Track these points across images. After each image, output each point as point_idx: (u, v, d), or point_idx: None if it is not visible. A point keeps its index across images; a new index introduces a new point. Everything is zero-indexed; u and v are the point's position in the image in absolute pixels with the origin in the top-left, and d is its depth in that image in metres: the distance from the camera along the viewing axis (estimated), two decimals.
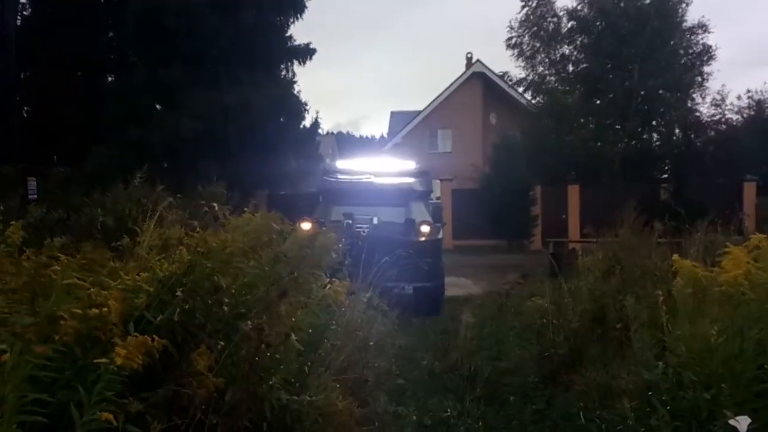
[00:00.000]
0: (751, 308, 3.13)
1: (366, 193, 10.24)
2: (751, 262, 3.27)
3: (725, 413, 2.13)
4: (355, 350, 4.27)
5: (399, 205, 10.31)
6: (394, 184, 10.60)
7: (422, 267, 9.39)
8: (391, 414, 4.51)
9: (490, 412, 5.04)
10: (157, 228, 3.90)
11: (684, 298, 3.45)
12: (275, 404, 3.21)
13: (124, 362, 2.26)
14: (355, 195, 10.15)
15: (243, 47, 19.00)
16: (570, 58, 22.62)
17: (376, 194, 10.28)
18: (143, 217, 6.00)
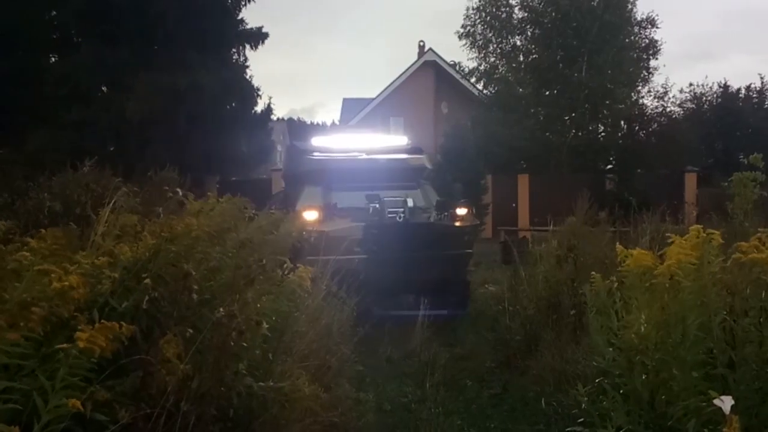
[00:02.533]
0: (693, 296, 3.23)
1: (369, 173, 8.57)
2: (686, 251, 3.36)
3: (710, 393, 2.22)
4: (317, 337, 4.28)
5: (410, 187, 8.77)
6: (404, 161, 9.07)
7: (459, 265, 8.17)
8: (352, 399, 4.54)
9: (449, 397, 5.13)
10: (112, 214, 3.82)
11: (631, 285, 3.56)
12: (242, 391, 3.21)
13: (87, 346, 2.22)
14: (354, 176, 8.53)
15: (193, 29, 18.58)
16: (521, 49, 22.91)
17: (383, 174, 8.63)
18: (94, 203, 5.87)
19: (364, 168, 8.68)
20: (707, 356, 3.05)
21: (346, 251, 6.93)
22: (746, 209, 8.89)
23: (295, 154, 9.62)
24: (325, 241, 6.79)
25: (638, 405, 3.32)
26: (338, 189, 8.42)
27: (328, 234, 6.97)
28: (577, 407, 3.82)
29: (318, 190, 8.49)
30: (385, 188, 8.40)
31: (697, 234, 3.21)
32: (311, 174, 8.74)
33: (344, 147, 9.23)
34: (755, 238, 3.02)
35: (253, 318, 2.93)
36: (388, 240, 7.52)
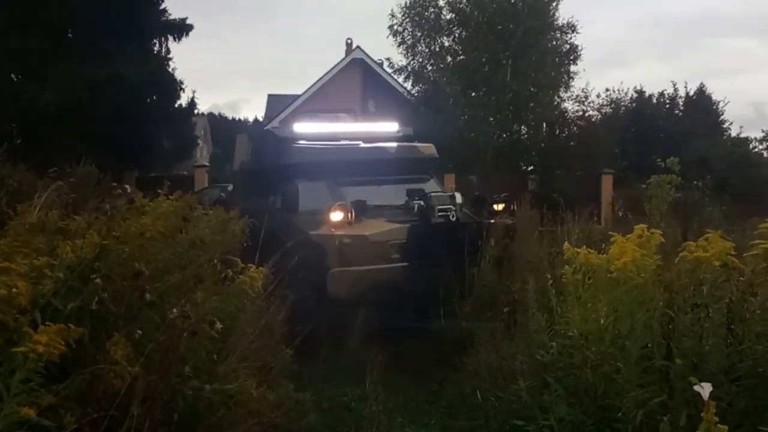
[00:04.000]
0: (638, 292, 3.39)
1: (378, 165, 7.50)
2: (637, 249, 3.53)
3: (691, 380, 2.33)
4: (258, 337, 4.22)
5: (423, 180, 7.76)
6: (414, 149, 8.09)
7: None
8: (293, 400, 4.50)
9: (389, 395, 5.17)
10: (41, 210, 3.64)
11: (573, 283, 3.70)
12: (188, 393, 3.13)
13: (45, 351, 2.12)
14: (360, 167, 7.39)
15: (112, 18, 17.86)
16: (449, 49, 23.24)
17: (393, 165, 7.59)
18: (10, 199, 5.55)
19: (371, 158, 7.52)
20: (647, 350, 3.20)
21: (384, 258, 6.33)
22: (662, 210, 9.37)
23: (273, 143, 8.02)
24: (363, 247, 6.20)
25: (579, 397, 3.45)
26: (344, 184, 7.24)
27: (368, 239, 6.30)
28: (517, 402, 3.92)
29: (319, 187, 7.24)
30: (397, 182, 7.48)
31: (641, 233, 3.37)
32: (305, 167, 7.39)
33: (332, 134, 8.13)
34: (703, 238, 3.19)
35: (207, 318, 2.86)
36: (440, 244, 6.45)
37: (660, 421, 2.80)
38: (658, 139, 24.93)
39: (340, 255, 6.24)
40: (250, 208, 7.48)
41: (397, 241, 6.44)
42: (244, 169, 8.98)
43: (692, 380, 2.22)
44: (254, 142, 8.94)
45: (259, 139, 8.97)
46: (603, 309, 3.50)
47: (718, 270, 3.07)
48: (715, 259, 3.06)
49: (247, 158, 8.93)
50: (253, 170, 8.52)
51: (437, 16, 23.05)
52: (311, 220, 6.68)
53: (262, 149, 8.42)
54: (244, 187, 8.85)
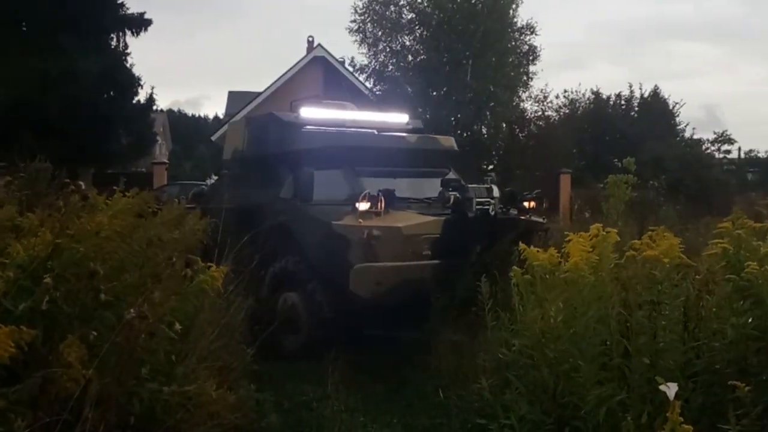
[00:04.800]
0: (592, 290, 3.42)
1: (398, 154, 6.91)
2: (587, 249, 3.56)
3: (656, 380, 2.35)
4: (218, 337, 4.16)
5: (442, 173, 7.15)
6: (434, 141, 7.64)
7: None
8: (253, 400, 4.45)
9: (350, 394, 5.13)
10: None
11: (524, 282, 3.71)
12: (145, 396, 3.06)
13: None
14: (380, 157, 6.81)
15: (68, 12, 17.42)
16: (410, 49, 23.29)
17: (413, 155, 7.05)
18: None
19: (390, 147, 6.98)
20: (605, 348, 3.24)
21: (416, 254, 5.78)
22: (619, 209, 9.55)
23: (278, 128, 7.33)
24: (395, 241, 5.63)
25: (539, 396, 3.48)
26: (362, 173, 6.64)
27: (402, 231, 5.70)
28: (478, 400, 3.93)
29: (335, 175, 6.65)
30: (418, 174, 7.00)
31: (597, 232, 3.40)
32: (318, 153, 6.73)
33: (340, 120, 7.62)
34: (647, 236, 3.23)
35: (165, 319, 2.79)
36: (478, 240, 5.85)
37: (620, 418, 2.84)
38: (615, 140, 25.42)
39: (367, 249, 5.55)
40: (251, 199, 7.21)
41: (431, 235, 5.86)
42: (240, 158, 8.04)
43: (658, 380, 2.25)
44: (253, 127, 7.90)
45: (259, 125, 7.90)
46: (559, 308, 3.53)
47: (673, 267, 3.11)
48: (665, 256, 3.10)
49: (243, 146, 7.92)
50: (252, 158, 7.74)
51: (398, 16, 23.07)
52: (329, 210, 6.13)
53: (263, 135, 7.56)
54: (240, 178, 8.02)
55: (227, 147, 8.45)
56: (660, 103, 28.18)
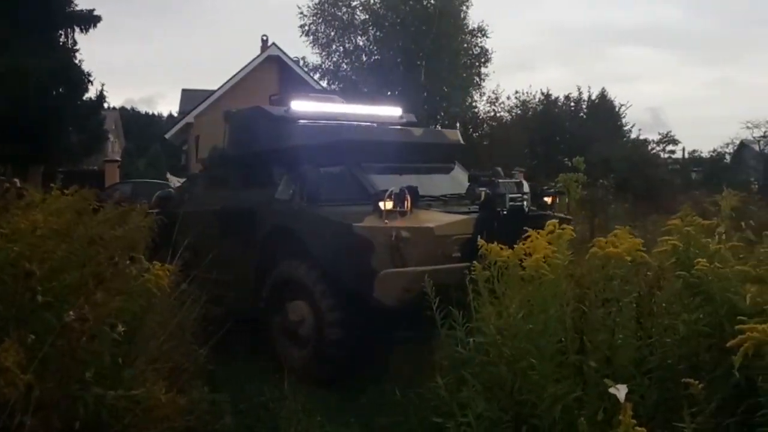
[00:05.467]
0: (550, 288, 3.41)
1: (401, 149, 6.46)
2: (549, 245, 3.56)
3: (606, 382, 2.32)
4: (170, 338, 4.03)
5: (448, 169, 6.85)
6: (440, 134, 7.30)
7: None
8: (208, 402, 4.33)
9: (308, 394, 5.05)
10: None
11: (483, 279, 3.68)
12: (89, 401, 2.93)
13: None
14: (386, 151, 6.32)
15: (13, 8, 16.85)
16: (364, 49, 23.29)
17: (420, 150, 6.61)
18: None
19: (395, 141, 6.48)
20: (561, 345, 3.24)
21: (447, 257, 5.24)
22: (572, 208, 9.71)
23: (270, 123, 6.74)
24: (426, 243, 5.16)
25: (496, 393, 3.46)
26: (371, 170, 6.17)
27: (434, 232, 5.22)
28: (436, 398, 3.89)
29: (342, 173, 6.17)
30: (425, 171, 6.56)
31: (552, 229, 3.40)
32: (321, 150, 6.17)
33: (333, 114, 7.07)
34: (612, 234, 3.24)
35: (107, 321, 2.67)
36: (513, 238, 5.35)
37: (576, 415, 2.84)
38: (565, 140, 25.87)
39: (394, 253, 5.06)
40: (238, 201, 6.72)
41: (462, 235, 5.36)
42: (221, 157, 7.28)
43: (607, 382, 2.24)
44: (235, 123, 7.17)
45: (244, 120, 7.16)
46: (516, 305, 3.51)
47: (629, 265, 3.13)
48: (626, 254, 3.12)
49: (223, 143, 7.20)
50: (236, 157, 7.06)
51: (350, 16, 23.05)
52: (344, 211, 5.60)
53: (250, 131, 6.92)
54: (220, 178, 7.38)
55: (203, 145, 7.68)
56: (607, 105, 28.82)
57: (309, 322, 5.66)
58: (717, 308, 2.53)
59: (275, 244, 6.21)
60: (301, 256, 5.81)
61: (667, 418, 2.97)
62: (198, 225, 6.71)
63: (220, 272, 6.46)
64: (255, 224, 6.38)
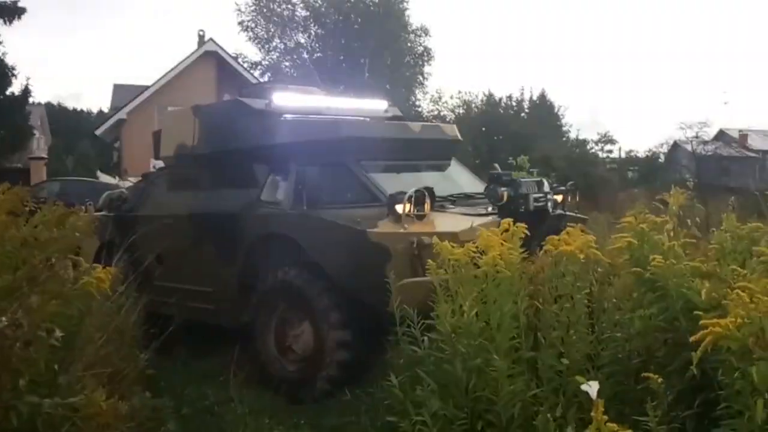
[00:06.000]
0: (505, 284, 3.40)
1: (400, 146, 5.98)
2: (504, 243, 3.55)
3: (577, 379, 2.30)
4: (110, 342, 3.85)
5: (445, 166, 6.43)
6: (438, 129, 6.70)
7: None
8: (149, 407, 4.15)
9: (255, 396, 4.94)
10: None
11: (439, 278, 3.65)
12: (23, 410, 2.75)
13: None
14: (382, 148, 5.85)
15: None
16: (305, 46, 23.08)
17: (414, 146, 6.11)
18: None
19: (394, 138, 6.00)
20: (516, 342, 3.24)
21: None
22: None
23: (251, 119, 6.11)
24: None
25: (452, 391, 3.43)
26: (370, 169, 5.64)
27: (458, 237, 4.56)
28: (390, 397, 3.84)
29: (342, 172, 5.62)
30: (424, 169, 6.14)
31: (507, 227, 3.40)
32: (310, 147, 5.67)
33: (318, 108, 6.53)
34: (565, 232, 3.26)
35: (44, 326, 2.51)
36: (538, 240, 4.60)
37: (532, 411, 2.84)
38: (507, 139, 26.28)
39: (415, 261, 4.59)
40: (212, 204, 6.18)
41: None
42: (190, 155, 6.58)
43: (579, 379, 2.23)
44: (208, 118, 6.55)
45: (219, 115, 6.62)
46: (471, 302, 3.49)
47: (581, 262, 3.15)
48: (579, 251, 3.14)
49: (193, 140, 6.54)
50: (208, 155, 6.39)
51: (291, 13, 22.83)
52: (352, 214, 5.14)
53: (227, 127, 6.28)
54: (189, 179, 6.71)
55: (166, 142, 6.92)
56: (547, 105, 29.46)
57: (306, 339, 5.18)
58: (672, 303, 2.56)
59: (264, 253, 5.67)
60: (300, 266, 5.24)
61: (620, 411, 3.01)
62: (163, 230, 6.33)
63: (193, 282, 6.22)
64: (238, 230, 5.82)
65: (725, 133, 45.12)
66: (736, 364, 2.00)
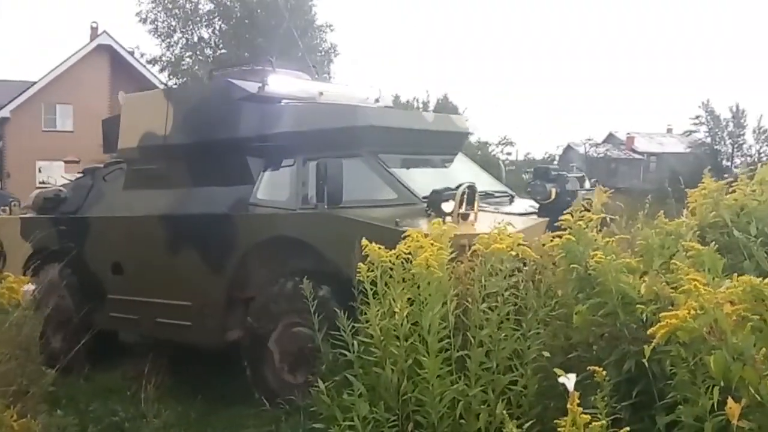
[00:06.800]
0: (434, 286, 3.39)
1: (412, 137, 5.38)
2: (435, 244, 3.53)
3: (555, 371, 2.29)
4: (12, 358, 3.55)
5: (450, 161, 5.88)
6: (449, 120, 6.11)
7: None
8: (55, 426, 3.87)
9: (166, 409, 4.71)
10: None
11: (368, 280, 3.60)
12: None
13: None
14: (397, 139, 5.24)
15: None
16: (209, 42, 22.45)
17: (426, 138, 5.55)
18: None
19: (411, 129, 5.42)
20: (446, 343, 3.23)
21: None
22: None
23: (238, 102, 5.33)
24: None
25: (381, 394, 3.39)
26: (390, 163, 5.03)
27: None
28: (316, 403, 3.76)
29: (359, 166, 4.91)
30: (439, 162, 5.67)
31: (437, 227, 3.39)
32: (322, 137, 4.99)
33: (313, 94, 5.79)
34: (494, 231, 3.28)
35: None
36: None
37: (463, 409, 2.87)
38: None
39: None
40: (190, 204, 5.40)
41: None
42: (160, 147, 5.66)
43: (557, 371, 2.24)
44: (185, 103, 5.67)
45: (203, 98, 5.72)
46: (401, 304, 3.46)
47: (510, 260, 3.19)
48: (509, 250, 3.17)
49: (165, 129, 5.61)
50: (185, 147, 5.50)
51: (194, 6, 22.13)
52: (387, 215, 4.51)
53: (211, 114, 5.43)
54: (155, 175, 5.77)
55: (126, 131, 5.95)
56: (450, 107, 30.05)
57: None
58: (610, 298, 2.63)
59: (266, 259, 5.02)
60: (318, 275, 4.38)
61: (546, 406, 3.07)
62: (123, 235, 5.60)
63: (165, 295, 5.39)
64: (229, 234, 5.07)
65: (614, 136, 47.97)
66: (684, 354, 2.09)
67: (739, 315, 2.00)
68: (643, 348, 2.22)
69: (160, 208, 5.53)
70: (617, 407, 2.37)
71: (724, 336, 1.98)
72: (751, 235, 3.30)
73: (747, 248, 3.24)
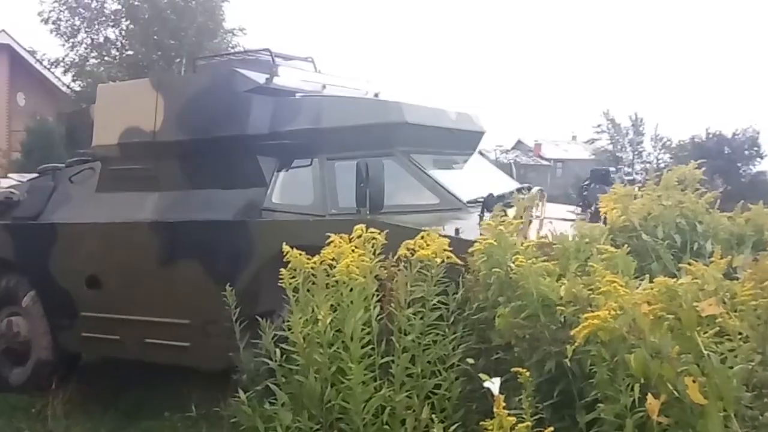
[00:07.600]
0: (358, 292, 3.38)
1: (437, 135, 5.01)
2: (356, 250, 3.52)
3: (480, 377, 2.31)
4: None
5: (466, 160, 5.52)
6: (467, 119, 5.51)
7: None
8: None
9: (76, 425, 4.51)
10: None
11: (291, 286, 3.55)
12: None
13: None
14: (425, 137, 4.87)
15: None
16: (115, 42, 21.58)
17: (449, 137, 5.17)
18: None
19: (439, 128, 5.04)
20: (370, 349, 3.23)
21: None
22: None
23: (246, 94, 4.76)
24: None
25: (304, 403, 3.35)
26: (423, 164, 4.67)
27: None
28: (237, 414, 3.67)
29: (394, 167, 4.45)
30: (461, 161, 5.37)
31: (360, 233, 3.39)
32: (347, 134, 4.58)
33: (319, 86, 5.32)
34: (420, 236, 3.30)
35: None
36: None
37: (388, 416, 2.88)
38: None
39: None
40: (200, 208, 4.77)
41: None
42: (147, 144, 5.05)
43: (482, 377, 2.27)
44: (185, 93, 5.09)
45: (204, 89, 5.02)
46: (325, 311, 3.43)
47: (438, 266, 3.22)
48: (435, 255, 3.21)
49: (154, 125, 5.00)
50: (180, 144, 4.93)
51: (100, 6, 21.25)
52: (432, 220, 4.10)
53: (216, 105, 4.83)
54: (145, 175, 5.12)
55: (103, 126, 5.30)
56: None
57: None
58: (531, 301, 2.70)
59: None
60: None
61: (469, 409, 3.13)
62: (103, 243, 4.95)
63: (157, 312, 4.80)
64: (245, 243, 4.51)
65: (522, 143, 49.63)
66: (604, 354, 2.18)
67: (655, 314, 2.11)
68: (565, 348, 2.33)
69: (149, 213, 4.94)
70: (539, 407, 2.45)
71: (642, 335, 2.09)
72: (658, 238, 3.49)
73: (654, 251, 3.43)
